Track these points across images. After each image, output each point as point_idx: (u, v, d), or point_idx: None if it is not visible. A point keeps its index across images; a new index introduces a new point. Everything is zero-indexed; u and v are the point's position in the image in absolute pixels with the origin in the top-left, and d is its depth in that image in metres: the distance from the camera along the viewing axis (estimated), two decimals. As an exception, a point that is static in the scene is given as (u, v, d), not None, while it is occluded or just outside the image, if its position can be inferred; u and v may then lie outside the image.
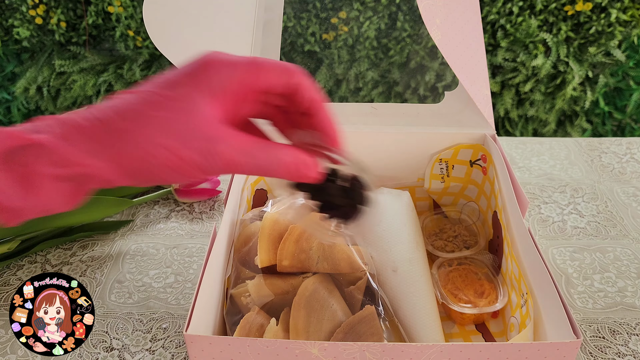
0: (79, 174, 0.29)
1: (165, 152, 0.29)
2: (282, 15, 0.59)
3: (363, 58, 1.83)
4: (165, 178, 0.30)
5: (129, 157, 0.29)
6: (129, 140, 0.29)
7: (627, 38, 1.70)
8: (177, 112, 0.30)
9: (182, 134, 0.29)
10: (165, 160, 0.29)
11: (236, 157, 0.30)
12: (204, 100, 0.30)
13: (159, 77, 0.32)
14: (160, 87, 0.31)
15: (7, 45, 2.05)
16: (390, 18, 1.78)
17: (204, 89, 0.30)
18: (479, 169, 0.57)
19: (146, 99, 0.30)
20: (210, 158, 0.30)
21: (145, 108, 0.30)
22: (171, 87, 0.31)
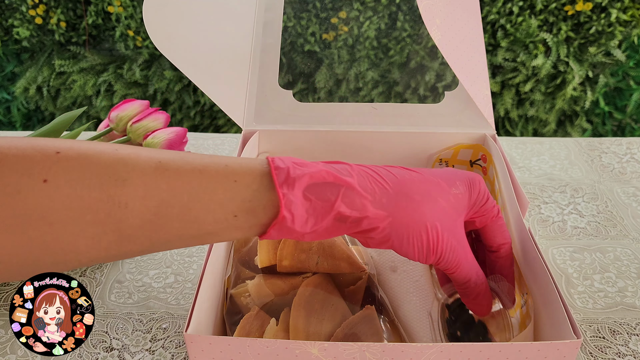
0: (358, 220, 0.33)
1: (431, 232, 0.34)
2: (282, 15, 0.59)
3: (363, 58, 1.83)
4: (407, 248, 0.35)
5: (404, 221, 0.34)
6: (412, 208, 0.34)
7: (627, 38, 1.70)
8: (452, 207, 0.36)
9: (449, 227, 0.35)
10: (426, 237, 0.34)
11: (464, 267, 0.36)
12: (467, 207, 0.37)
13: (440, 171, 0.38)
14: (443, 179, 0.36)
15: (7, 45, 2.05)
16: (390, 18, 1.78)
17: (469, 200, 0.37)
18: (479, 169, 0.57)
19: (434, 184, 0.36)
20: (450, 252, 0.35)
21: (432, 191, 0.35)
22: (452, 182, 0.37)
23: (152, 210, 0.30)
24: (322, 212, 0.33)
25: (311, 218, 0.32)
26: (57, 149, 0.29)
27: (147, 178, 0.30)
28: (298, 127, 0.56)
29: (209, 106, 2.01)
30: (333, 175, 0.33)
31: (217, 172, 0.32)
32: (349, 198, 0.33)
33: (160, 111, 0.61)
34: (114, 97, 2.00)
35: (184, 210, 0.31)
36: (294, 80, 1.91)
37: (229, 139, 0.82)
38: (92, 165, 0.29)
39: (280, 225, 0.32)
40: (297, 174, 0.32)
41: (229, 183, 0.31)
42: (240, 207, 0.32)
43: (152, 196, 0.30)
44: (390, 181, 0.35)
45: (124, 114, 0.60)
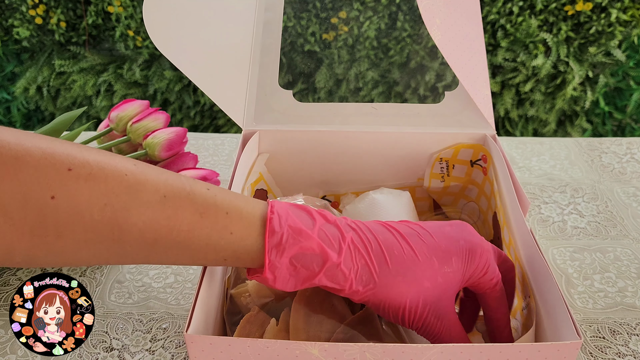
0: (339, 291, 0.35)
1: (409, 311, 0.35)
2: (282, 15, 0.59)
3: (363, 58, 1.83)
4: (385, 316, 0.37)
5: (383, 297, 0.35)
6: (395, 286, 0.35)
7: (627, 38, 1.70)
8: (438, 287, 0.36)
9: (431, 306, 0.36)
10: (402, 313, 0.36)
11: (443, 339, 0.37)
12: (458, 285, 0.37)
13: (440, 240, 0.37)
14: (438, 255, 0.36)
15: (7, 45, 2.05)
16: (390, 18, 1.77)
17: (463, 275, 0.37)
18: (479, 169, 0.57)
19: (424, 265, 0.35)
20: (433, 320, 0.36)
21: (419, 273, 0.35)
22: (447, 259, 0.36)
23: (149, 241, 0.32)
24: (304, 279, 0.35)
25: (292, 279, 0.35)
26: (69, 166, 0.30)
27: (150, 212, 0.31)
28: (298, 127, 0.56)
29: (209, 106, 2.01)
30: (324, 250, 0.34)
31: (216, 219, 0.33)
32: (332, 272, 0.34)
33: (160, 111, 0.61)
34: (114, 97, 2.00)
35: (179, 246, 0.33)
36: (294, 80, 1.91)
37: (229, 139, 0.81)
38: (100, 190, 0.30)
39: (263, 281, 0.35)
40: (288, 243, 0.34)
41: (225, 234, 0.33)
42: (231, 255, 0.34)
43: (151, 229, 0.32)
44: (377, 260, 0.35)
45: (124, 114, 0.60)
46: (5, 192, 0.28)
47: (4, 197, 0.28)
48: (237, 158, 0.51)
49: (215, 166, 0.74)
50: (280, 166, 0.58)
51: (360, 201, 0.51)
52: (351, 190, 0.60)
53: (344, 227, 0.36)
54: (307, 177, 0.59)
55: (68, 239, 0.30)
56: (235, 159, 0.51)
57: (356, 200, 0.52)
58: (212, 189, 0.35)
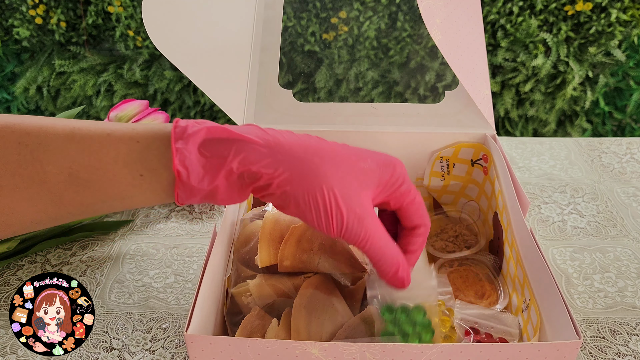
0: (255, 175, 0.34)
1: (328, 195, 0.34)
2: (282, 14, 0.59)
3: (363, 58, 1.83)
4: (305, 211, 0.34)
5: (299, 180, 0.34)
6: (309, 168, 0.34)
7: (627, 38, 1.70)
8: (355, 179, 0.35)
9: (349, 196, 0.35)
10: (322, 199, 0.34)
11: (370, 233, 0.35)
12: (374, 185, 0.36)
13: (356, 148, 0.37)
14: (354, 153, 0.36)
15: (7, 45, 2.05)
16: (390, 18, 1.78)
17: (379, 178, 0.36)
18: (480, 169, 0.57)
19: (341, 155, 0.36)
20: (355, 222, 0.35)
21: (336, 159, 0.35)
22: (362, 157, 0.36)
23: (67, 172, 0.33)
24: (216, 168, 0.33)
25: (207, 175, 0.33)
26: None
27: (60, 142, 0.33)
28: (298, 127, 0.56)
29: (209, 106, 2.01)
30: (228, 131, 0.34)
31: (122, 135, 0.34)
32: (244, 153, 0.33)
33: (159, 111, 0.61)
34: (114, 97, 2.00)
35: (93, 170, 0.33)
36: (294, 80, 1.91)
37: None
38: (14, 133, 0.33)
39: (181, 184, 0.33)
40: (194, 130, 0.33)
41: (132, 144, 0.33)
42: (144, 167, 0.33)
43: (65, 158, 0.33)
44: (290, 139, 0.35)
45: (124, 113, 0.60)
46: None
47: None
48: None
49: (215, 166, 0.74)
50: (280, 166, 0.58)
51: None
52: (351, 190, 0.60)
53: (255, 126, 0.36)
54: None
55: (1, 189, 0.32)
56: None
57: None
58: (121, 123, 0.36)
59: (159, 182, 0.34)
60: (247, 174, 0.34)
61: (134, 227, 0.64)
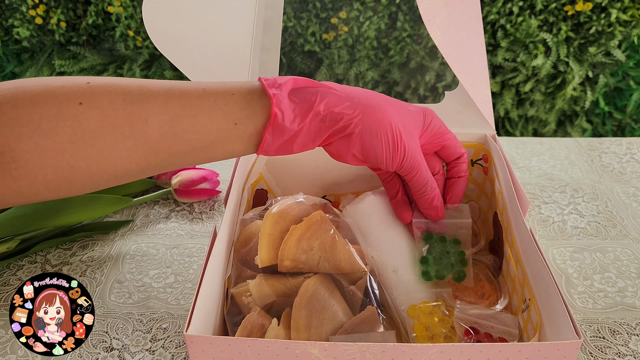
0: (337, 116, 0.40)
1: (395, 130, 0.41)
2: (282, 14, 0.59)
3: (363, 58, 1.83)
4: (377, 144, 0.41)
5: (373, 117, 0.41)
6: (379, 109, 0.41)
7: (627, 38, 1.70)
8: (410, 119, 0.43)
9: (408, 132, 0.42)
10: (391, 133, 0.41)
11: (421, 165, 0.43)
12: (421, 126, 0.45)
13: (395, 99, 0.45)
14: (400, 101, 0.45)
15: (7, 45, 2.05)
16: (390, 18, 1.78)
17: (424, 120, 0.45)
18: (480, 169, 0.57)
19: (394, 101, 0.43)
20: (412, 154, 0.42)
21: (394, 103, 0.43)
22: (408, 104, 0.45)
23: (168, 123, 0.37)
24: (305, 111, 0.39)
25: (297, 117, 0.39)
26: (87, 80, 0.36)
27: (161, 98, 0.37)
28: (298, 127, 0.56)
29: (209, 106, 2.01)
30: (312, 81, 0.41)
31: (217, 90, 0.39)
32: (327, 98, 0.40)
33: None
34: (114, 97, 2.00)
35: (192, 120, 0.37)
36: (294, 80, 1.91)
37: (229, 139, 0.81)
38: (116, 91, 0.36)
39: (273, 126, 0.38)
40: (282, 81, 0.40)
41: (227, 96, 0.38)
42: (239, 115, 0.38)
43: (166, 111, 0.37)
44: (361, 90, 0.42)
45: (124, 114, 0.60)
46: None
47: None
48: (237, 158, 0.51)
49: (216, 166, 0.74)
50: (280, 166, 0.58)
51: (360, 201, 0.51)
52: (351, 190, 0.60)
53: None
54: (307, 177, 0.59)
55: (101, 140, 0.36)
56: (235, 159, 0.51)
57: (356, 200, 0.52)
58: (206, 82, 0.40)
59: (249, 130, 0.39)
60: (330, 116, 0.40)
61: (134, 227, 0.64)
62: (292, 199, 0.47)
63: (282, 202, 0.47)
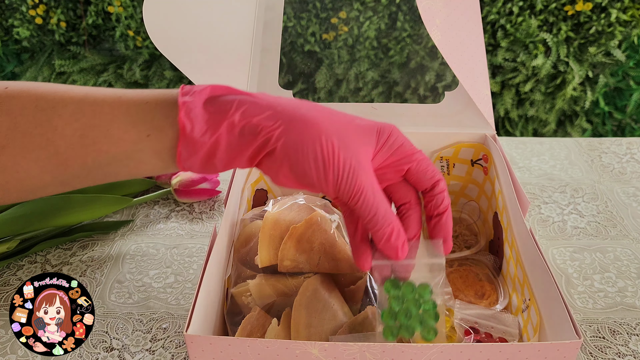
0: (255, 129, 0.34)
1: (326, 144, 0.34)
2: (283, 15, 0.59)
3: (363, 58, 1.83)
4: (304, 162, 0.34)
5: (298, 130, 0.34)
6: (308, 121, 0.34)
7: (627, 38, 1.70)
8: (354, 132, 0.36)
9: (348, 146, 0.35)
10: (320, 149, 0.34)
11: (365, 186, 0.35)
12: (372, 143, 0.36)
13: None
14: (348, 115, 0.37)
15: (7, 45, 2.05)
16: (390, 18, 1.78)
17: (377, 137, 0.37)
18: (480, 169, 0.57)
19: (336, 113, 0.36)
20: (351, 173, 0.34)
21: (333, 114, 0.36)
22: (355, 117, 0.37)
23: (79, 132, 0.34)
24: (218, 121, 0.34)
25: (210, 129, 0.34)
26: (5, 85, 0.35)
27: (73, 105, 0.35)
28: (298, 127, 0.56)
29: (209, 106, 2.01)
30: (231, 88, 0.36)
31: (131, 98, 0.35)
32: (245, 106, 0.34)
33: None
34: (114, 97, 2.00)
35: (104, 130, 0.35)
36: (294, 80, 1.91)
37: (229, 139, 0.81)
38: (29, 96, 0.34)
39: (184, 138, 0.34)
40: (199, 88, 0.35)
41: (141, 105, 0.35)
42: (151, 126, 0.35)
43: (77, 119, 0.34)
44: (290, 100, 0.36)
45: (124, 114, 0.60)
46: None
47: None
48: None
49: (215, 166, 0.74)
50: (280, 166, 0.58)
51: (360, 201, 0.51)
52: (351, 190, 0.60)
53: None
54: (307, 177, 0.59)
55: (10, 149, 0.34)
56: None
57: (356, 200, 0.52)
58: (134, 90, 0.37)
59: (164, 142, 0.35)
60: (248, 128, 0.34)
61: (134, 227, 0.64)
62: (292, 199, 0.47)
63: (282, 202, 0.47)
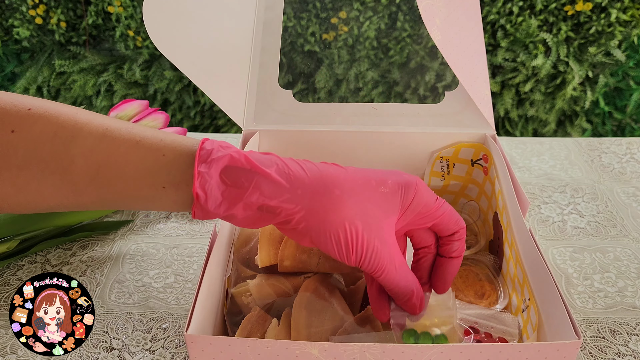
0: (275, 210, 0.34)
1: (350, 230, 0.34)
2: (282, 15, 0.59)
3: (363, 58, 1.83)
4: (326, 244, 0.34)
5: (320, 215, 0.34)
6: (331, 203, 0.34)
7: (627, 38, 1.70)
8: (378, 207, 0.35)
9: (372, 228, 0.34)
10: (344, 235, 0.34)
11: (386, 265, 0.35)
12: (397, 210, 0.36)
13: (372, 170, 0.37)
14: (372, 177, 0.36)
15: (7, 45, 2.05)
16: (390, 18, 1.77)
17: (401, 201, 0.36)
18: (480, 169, 0.57)
19: (360, 181, 0.35)
20: (374, 254, 0.34)
21: (356, 188, 0.35)
22: (381, 181, 0.36)
23: (94, 168, 0.34)
24: (234, 198, 0.34)
25: (225, 202, 0.34)
26: (29, 106, 0.34)
27: (92, 140, 0.34)
28: (298, 127, 0.56)
29: (209, 106, 2.01)
30: (251, 162, 0.34)
31: (151, 144, 0.35)
32: (263, 187, 0.34)
33: (159, 111, 0.61)
34: (114, 97, 2.00)
35: (120, 172, 0.35)
36: (294, 80, 1.91)
37: (229, 139, 0.82)
38: (50, 123, 0.34)
39: (199, 207, 0.34)
40: (218, 155, 0.34)
41: (158, 156, 0.35)
42: (167, 180, 0.35)
43: (94, 156, 0.34)
44: (310, 172, 0.35)
45: (124, 113, 0.60)
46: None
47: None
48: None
49: (215, 166, 0.74)
50: (280, 166, 0.58)
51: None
52: (351, 190, 0.60)
53: (276, 156, 0.36)
54: (307, 177, 0.59)
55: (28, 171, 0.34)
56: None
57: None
58: (155, 129, 0.36)
59: (179, 196, 0.35)
60: (267, 208, 0.34)
61: (134, 227, 0.64)
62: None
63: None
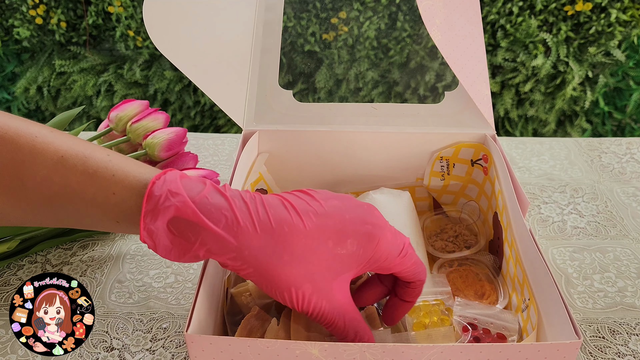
0: (223, 264, 0.35)
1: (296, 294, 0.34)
2: (283, 15, 0.59)
3: (363, 58, 1.83)
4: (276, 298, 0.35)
5: (268, 276, 0.34)
6: (279, 267, 0.34)
7: (627, 38, 1.70)
8: (328, 270, 0.35)
9: (321, 289, 0.35)
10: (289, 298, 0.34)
11: (334, 320, 0.35)
12: (353, 267, 0.36)
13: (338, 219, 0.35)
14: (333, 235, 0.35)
15: (7, 45, 2.05)
16: (390, 18, 1.77)
17: (360, 258, 0.35)
18: (480, 169, 0.57)
19: (316, 242, 0.34)
20: (321, 312, 0.35)
21: (308, 252, 0.34)
22: (341, 241, 0.35)
23: (47, 196, 0.34)
24: (184, 249, 0.34)
25: (175, 250, 0.34)
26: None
27: (46, 171, 0.34)
28: (298, 127, 0.56)
29: (209, 106, 2.01)
30: (197, 216, 0.33)
31: (103, 180, 0.34)
32: (209, 244, 0.33)
33: (159, 111, 0.61)
34: (114, 97, 2.00)
35: (72, 204, 0.35)
36: (294, 80, 1.91)
37: (229, 139, 0.82)
38: (9, 145, 0.34)
39: (152, 248, 0.34)
40: (165, 205, 0.33)
41: (108, 194, 0.34)
42: (119, 216, 0.35)
43: (47, 186, 0.34)
44: (261, 228, 0.34)
45: (124, 114, 0.60)
46: None
47: None
48: (237, 158, 0.51)
49: (216, 166, 0.74)
50: (280, 166, 0.58)
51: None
52: (351, 190, 0.60)
53: (233, 198, 0.34)
54: (307, 177, 0.59)
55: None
56: (235, 158, 0.51)
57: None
58: (112, 155, 0.36)
59: (134, 229, 0.35)
60: (215, 261, 0.35)
61: (134, 227, 0.64)
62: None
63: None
